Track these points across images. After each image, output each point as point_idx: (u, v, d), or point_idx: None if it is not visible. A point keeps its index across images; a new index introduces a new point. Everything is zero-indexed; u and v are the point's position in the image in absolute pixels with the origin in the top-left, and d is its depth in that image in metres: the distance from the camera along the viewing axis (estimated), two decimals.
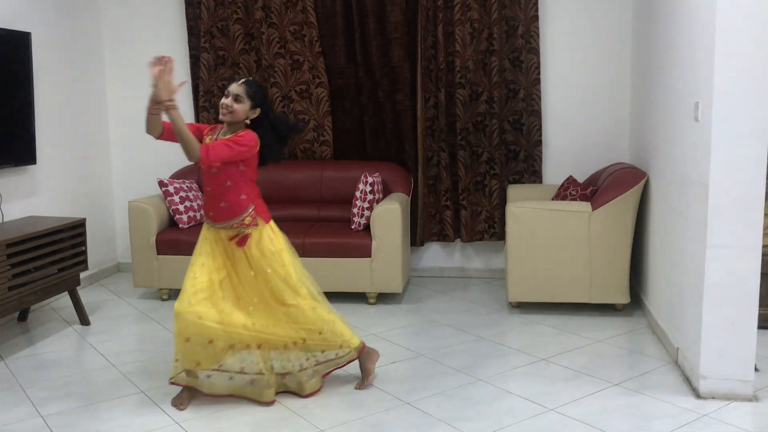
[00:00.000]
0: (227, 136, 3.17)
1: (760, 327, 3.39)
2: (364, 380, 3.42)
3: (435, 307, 4.73)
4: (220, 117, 3.20)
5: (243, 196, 3.20)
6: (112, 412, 3.20)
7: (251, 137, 3.15)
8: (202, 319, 3.09)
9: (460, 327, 4.30)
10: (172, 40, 5.57)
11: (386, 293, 4.83)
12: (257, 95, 3.19)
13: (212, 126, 3.35)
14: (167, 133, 3.17)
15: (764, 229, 3.86)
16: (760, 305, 3.33)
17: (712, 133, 3.06)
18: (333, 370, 3.42)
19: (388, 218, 4.61)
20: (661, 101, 4.06)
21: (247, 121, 3.20)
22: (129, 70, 5.65)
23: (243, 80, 3.22)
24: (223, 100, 3.17)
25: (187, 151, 3.03)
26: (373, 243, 4.63)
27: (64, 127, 5.12)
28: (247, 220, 3.22)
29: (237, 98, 3.15)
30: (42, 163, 4.82)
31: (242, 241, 3.22)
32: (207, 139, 3.24)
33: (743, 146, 3.04)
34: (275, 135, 3.27)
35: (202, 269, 3.20)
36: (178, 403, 3.22)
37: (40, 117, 4.74)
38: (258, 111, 3.20)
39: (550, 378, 3.49)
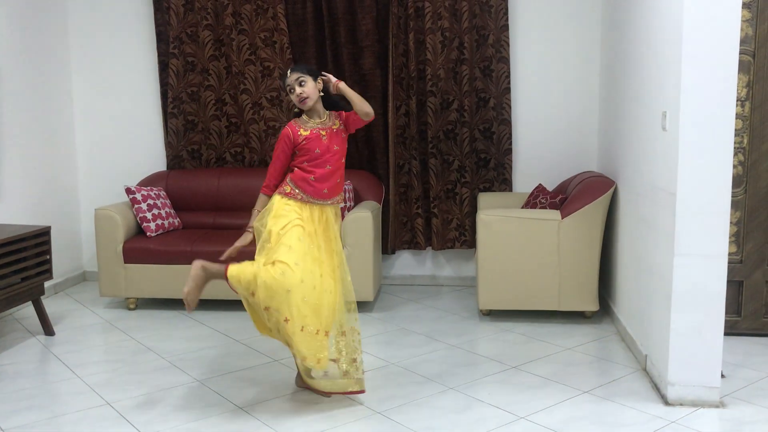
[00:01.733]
0: (319, 121, 3.28)
1: (727, 334, 3.45)
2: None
3: (406, 316, 4.72)
4: (301, 108, 3.26)
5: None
6: (77, 425, 3.13)
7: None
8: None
9: (431, 335, 4.29)
10: (141, 46, 5.50)
11: (357, 301, 4.79)
12: (312, 70, 3.29)
13: (290, 126, 3.29)
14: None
15: (730, 237, 3.93)
16: (726, 312, 3.38)
17: (679, 143, 3.10)
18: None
19: (360, 226, 4.60)
20: (630, 110, 4.11)
21: (322, 94, 3.28)
22: (96, 76, 5.57)
23: (292, 67, 3.28)
24: (294, 93, 3.21)
25: (367, 109, 3.26)
26: (345, 251, 4.60)
27: (28, 133, 5.03)
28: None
29: (301, 82, 3.20)
30: (5, 170, 4.72)
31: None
32: (302, 131, 3.25)
33: (710, 155, 3.08)
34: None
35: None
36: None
37: (3, 123, 4.65)
38: (320, 81, 3.28)
39: (520, 386, 3.50)
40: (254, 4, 5.24)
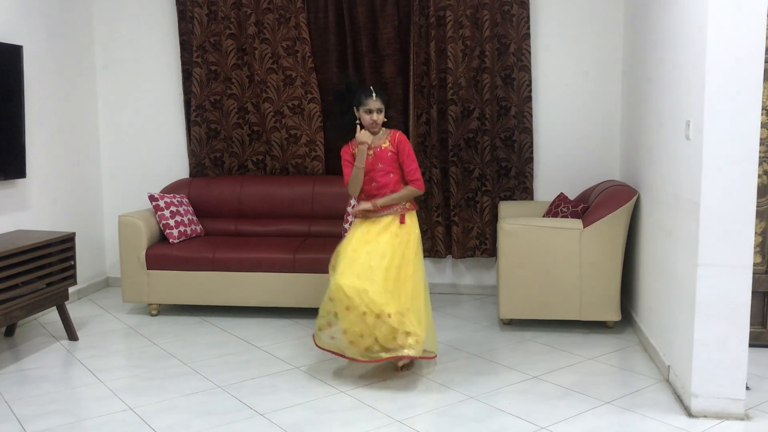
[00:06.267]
0: (364, 135, 3.67)
1: (752, 345, 3.41)
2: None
3: None
4: (373, 131, 3.71)
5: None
6: (100, 429, 3.16)
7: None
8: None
9: (452, 344, 4.28)
10: (165, 55, 5.57)
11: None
12: (387, 101, 3.78)
13: (348, 147, 3.78)
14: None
15: (755, 247, 3.88)
16: (751, 323, 3.34)
17: (703, 152, 3.08)
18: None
19: None
20: (653, 119, 4.09)
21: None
22: (120, 84, 5.65)
23: (374, 92, 3.69)
24: (371, 116, 3.67)
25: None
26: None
27: (54, 140, 5.10)
28: (408, 204, 3.80)
29: (380, 111, 3.69)
30: (32, 177, 4.79)
31: (403, 219, 3.74)
32: (355, 150, 3.71)
33: (734, 164, 3.05)
34: None
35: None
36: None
37: (30, 130, 4.72)
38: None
39: (541, 396, 3.48)
40: (277, 14, 5.28)
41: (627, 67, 4.94)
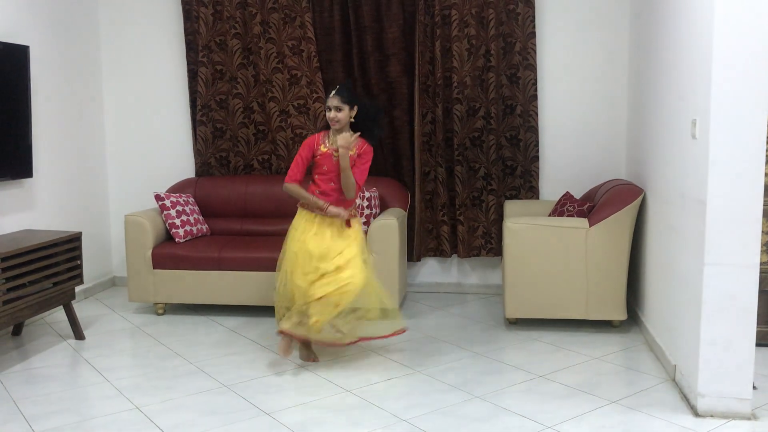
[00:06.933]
0: (342, 138, 3.73)
1: (758, 345, 3.40)
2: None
3: (431, 323, 4.71)
4: (333, 128, 3.81)
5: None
6: (106, 428, 3.17)
7: (371, 151, 3.84)
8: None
9: (457, 343, 4.28)
10: (170, 55, 5.58)
11: (381, 309, 4.79)
12: (351, 97, 3.81)
13: (316, 136, 3.91)
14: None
15: (762, 247, 3.86)
16: (758, 323, 3.33)
17: (709, 151, 3.07)
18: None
19: (385, 233, 4.61)
20: (659, 118, 4.08)
21: (352, 120, 3.81)
22: (126, 84, 5.66)
23: (334, 91, 3.81)
24: (329, 114, 3.78)
25: (349, 191, 3.79)
26: (370, 258, 4.61)
27: (60, 140, 5.12)
28: (354, 211, 3.95)
29: (339, 108, 3.76)
30: (38, 177, 4.81)
31: (349, 223, 3.86)
32: (322, 147, 3.83)
33: (741, 163, 3.04)
34: (373, 120, 3.89)
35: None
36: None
37: (37, 130, 4.73)
38: (356, 108, 3.82)
39: (547, 395, 3.47)
40: (282, 13, 5.29)
41: (633, 66, 4.93)
